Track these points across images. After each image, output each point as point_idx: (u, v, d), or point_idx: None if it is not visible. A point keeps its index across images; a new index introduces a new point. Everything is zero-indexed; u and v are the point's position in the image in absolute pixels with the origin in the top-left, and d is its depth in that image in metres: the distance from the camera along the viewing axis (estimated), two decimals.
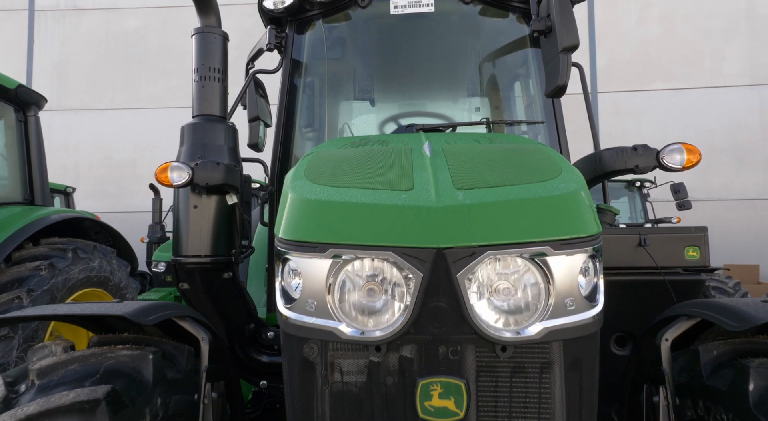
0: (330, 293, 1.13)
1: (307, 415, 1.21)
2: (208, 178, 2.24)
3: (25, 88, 4.25)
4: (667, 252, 2.20)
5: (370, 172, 1.26)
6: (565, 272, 1.11)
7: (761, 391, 1.29)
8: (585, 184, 1.19)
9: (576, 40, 2.18)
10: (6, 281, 3.63)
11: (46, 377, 1.36)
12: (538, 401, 1.15)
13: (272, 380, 2.55)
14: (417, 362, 1.14)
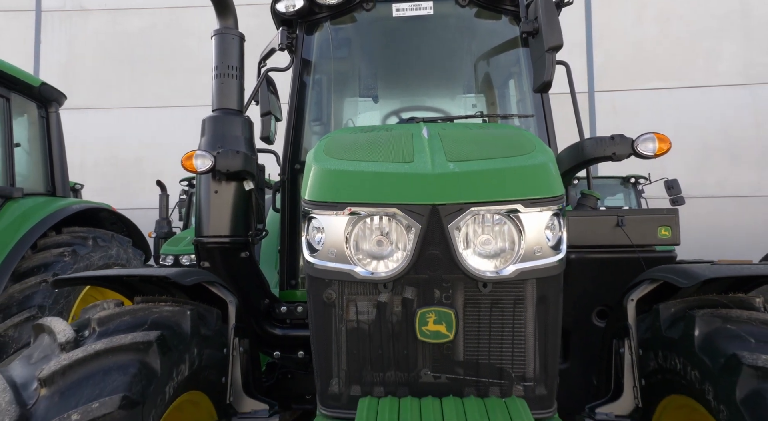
0: (347, 243, 1.40)
1: (328, 346, 1.49)
2: (229, 165, 2.48)
3: (47, 86, 4.50)
4: (641, 231, 2.44)
5: (377, 150, 1.52)
6: (534, 226, 1.38)
7: (704, 335, 1.54)
8: (553, 159, 1.46)
9: (560, 41, 2.42)
10: (33, 265, 3.88)
11: (105, 325, 1.62)
12: (512, 326, 1.42)
13: (285, 351, 2.78)
14: (416, 296, 1.41)
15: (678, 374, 1.65)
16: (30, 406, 1.34)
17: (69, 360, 1.42)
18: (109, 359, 1.47)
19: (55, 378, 1.40)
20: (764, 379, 1.34)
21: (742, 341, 1.45)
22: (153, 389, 1.49)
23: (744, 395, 1.35)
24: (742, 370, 1.37)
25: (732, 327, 1.52)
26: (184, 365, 1.69)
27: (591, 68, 13.51)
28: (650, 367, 1.82)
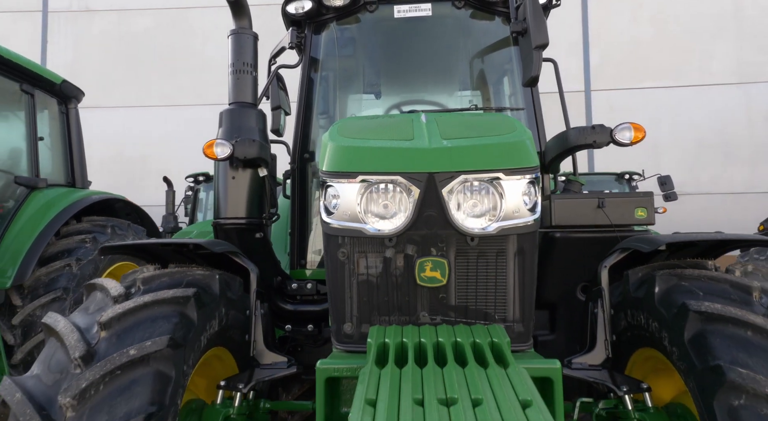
0: (359, 205, 1.66)
1: (342, 296, 1.76)
2: (246, 152, 2.74)
3: (68, 83, 4.76)
4: (620, 212, 2.68)
5: (383, 131, 1.79)
6: (513, 191, 1.64)
7: (662, 291, 1.80)
8: (531, 137, 1.72)
9: (546, 40, 2.67)
10: (57, 251, 4.15)
11: (148, 284, 1.88)
12: (495, 274, 1.69)
13: (295, 324, 3.04)
14: (416, 248, 1.68)
15: (643, 328, 1.91)
16: (94, 344, 1.60)
17: (123, 309, 1.68)
18: (155, 309, 1.73)
19: (113, 323, 1.66)
20: (706, 321, 1.60)
21: (692, 294, 1.71)
22: (192, 336, 1.76)
23: (690, 335, 1.61)
24: (689, 315, 1.63)
25: (685, 283, 1.78)
26: (215, 320, 1.95)
27: (587, 67, 13.74)
28: (621, 326, 2.09)
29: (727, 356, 1.50)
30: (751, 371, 1.44)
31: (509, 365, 1.38)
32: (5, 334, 3.78)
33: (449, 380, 1.28)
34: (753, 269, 1.92)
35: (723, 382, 1.46)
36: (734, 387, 1.44)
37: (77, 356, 1.55)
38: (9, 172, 4.21)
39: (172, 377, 1.61)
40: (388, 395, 1.25)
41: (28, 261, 3.92)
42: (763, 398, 1.40)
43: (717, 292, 1.70)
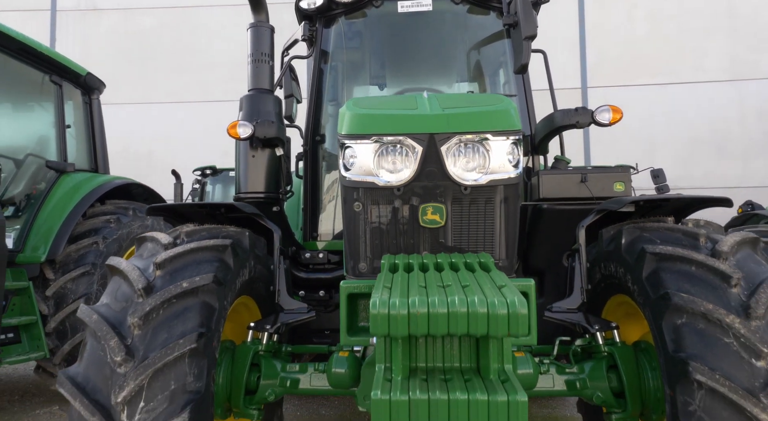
0: (372, 161, 2.00)
1: (357, 240, 2.10)
2: (265, 132, 3.07)
3: (92, 76, 5.09)
4: (601, 186, 3.00)
5: (391, 103, 2.13)
6: (500, 150, 1.98)
7: (628, 241, 2.12)
8: (514, 107, 2.06)
9: (534, 31, 3.00)
10: (85, 230, 4.47)
11: (191, 236, 2.20)
12: (484, 217, 2.02)
13: (308, 291, 3.36)
14: (419, 196, 2.01)
15: (613, 276, 2.24)
16: (152, 280, 1.93)
17: (174, 253, 2.01)
18: (199, 254, 2.06)
19: (166, 264, 1.98)
20: (660, 260, 1.92)
21: (651, 241, 2.03)
22: (229, 278, 2.08)
23: (647, 273, 1.94)
24: (647, 257, 1.95)
25: (646, 234, 2.10)
26: (246, 269, 2.28)
27: (584, 65, 14.04)
28: (596, 278, 2.41)
29: (674, 286, 1.82)
30: (691, 295, 1.76)
31: (491, 270, 1.73)
32: (40, 304, 4.10)
33: (445, 276, 1.62)
34: (705, 223, 2.24)
35: (669, 305, 1.78)
36: (677, 309, 1.77)
37: (140, 288, 1.88)
38: (41, 157, 4.53)
39: (215, 307, 1.94)
40: (400, 283, 1.60)
41: (60, 239, 4.24)
42: (699, 316, 1.72)
43: (671, 239, 2.02)
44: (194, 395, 1.77)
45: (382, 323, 1.42)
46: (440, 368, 1.61)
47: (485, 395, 1.38)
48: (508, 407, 1.36)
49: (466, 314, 1.40)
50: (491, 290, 1.50)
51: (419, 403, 1.38)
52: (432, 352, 1.62)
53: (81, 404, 1.72)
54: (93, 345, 1.82)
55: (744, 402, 1.57)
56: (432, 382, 1.48)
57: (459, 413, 1.36)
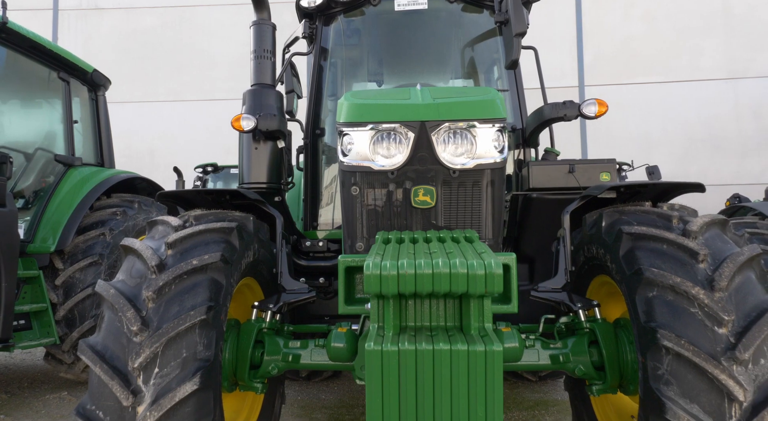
0: (368, 147, 2.15)
1: (354, 222, 2.25)
2: (268, 125, 3.21)
3: (98, 73, 5.24)
4: (587, 176, 3.15)
5: (386, 94, 2.28)
6: (486, 137, 2.13)
7: (607, 224, 2.27)
8: (501, 97, 2.21)
9: (524, 28, 3.14)
10: (92, 222, 4.63)
11: (199, 219, 2.35)
12: (471, 199, 2.18)
13: (309, 277, 3.50)
14: (411, 179, 2.17)
15: (595, 257, 2.39)
16: (164, 259, 2.08)
17: (184, 233, 2.16)
18: (207, 235, 2.20)
19: (177, 244, 2.13)
20: (635, 240, 2.07)
21: (628, 222, 2.18)
22: (236, 258, 2.23)
23: (624, 252, 2.09)
24: (623, 237, 2.10)
25: (624, 217, 2.25)
26: (250, 251, 2.43)
27: (581, 64, 14.18)
28: (580, 261, 2.56)
29: (647, 262, 1.97)
30: (661, 270, 1.91)
31: (474, 241, 1.89)
32: (50, 293, 4.25)
33: (432, 246, 1.78)
34: (679, 207, 2.38)
35: (641, 280, 1.94)
36: (649, 282, 1.92)
37: (153, 265, 2.03)
38: (50, 151, 4.68)
39: (223, 284, 2.09)
40: (392, 250, 1.77)
41: (68, 230, 4.39)
42: (668, 288, 1.87)
43: (646, 220, 2.17)
44: (204, 362, 1.92)
45: (375, 283, 1.57)
46: (427, 327, 1.76)
47: (465, 346, 1.54)
48: (486, 356, 1.51)
49: (449, 275, 1.56)
50: (472, 255, 1.66)
51: (407, 353, 1.54)
52: (420, 313, 1.78)
53: (101, 370, 1.86)
54: (110, 317, 1.97)
55: (707, 365, 1.72)
56: (419, 337, 1.63)
57: (442, 361, 1.52)
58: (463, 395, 1.51)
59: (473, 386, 1.51)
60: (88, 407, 1.90)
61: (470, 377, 1.51)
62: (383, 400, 1.52)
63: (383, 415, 1.52)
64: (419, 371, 1.52)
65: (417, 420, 1.53)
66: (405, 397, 1.52)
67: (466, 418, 1.51)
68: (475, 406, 1.51)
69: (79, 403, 1.94)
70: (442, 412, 1.52)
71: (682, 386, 1.75)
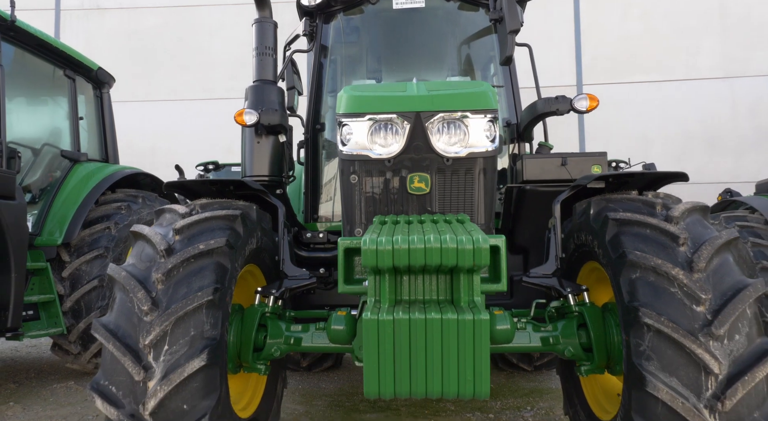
0: (366, 137, 2.26)
1: (353, 208, 2.36)
2: (270, 120, 3.32)
3: (102, 70, 5.34)
4: (579, 168, 3.25)
5: (384, 87, 2.39)
6: (477, 127, 2.24)
7: (595, 211, 2.37)
8: (494, 91, 2.32)
9: (517, 25, 3.24)
10: (97, 216, 4.73)
11: (205, 207, 2.46)
12: (464, 186, 2.29)
13: (309, 268, 3.60)
14: (407, 167, 2.28)
15: (584, 244, 2.49)
16: (172, 243, 2.19)
17: (191, 220, 2.27)
18: (213, 222, 2.31)
19: (184, 230, 2.24)
20: (620, 225, 2.18)
21: (614, 209, 2.29)
22: (240, 244, 2.34)
23: (610, 237, 2.19)
24: (609, 222, 2.21)
25: (611, 204, 2.36)
26: (254, 239, 2.53)
27: (579, 63, 14.28)
28: (570, 248, 2.67)
29: (631, 246, 2.08)
30: (644, 253, 2.02)
31: (465, 222, 2.00)
32: (57, 285, 4.36)
33: (426, 226, 1.90)
34: (664, 195, 2.49)
35: (625, 262, 2.04)
36: (632, 264, 2.02)
37: (162, 249, 2.13)
38: (56, 147, 4.79)
39: (228, 268, 2.20)
40: (389, 227, 1.90)
41: (75, 224, 4.50)
42: (650, 269, 1.98)
43: (631, 207, 2.28)
44: (211, 341, 2.02)
45: (371, 257, 1.68)
46: (420, 300, 1.87)
47: (455, 315, 1.64)
48: (474, 325, 1.62)
49: (440, 249, 1.67)
50: (462, 232, 1.77)
51: (401, 322, 1.65)
52: (414, 288, 1.89)
53: (114, 346, 1.97)
54: (122, 298, 2.08)
55: (685, 341, 1.83)
56: (413, 308, 1.74)
57: (434, 329, 1.63)
58: (453, 361, 1.62)
59: (462, 352, 1.62)
60: (102, 382, 2.01)
61: (459, 344, 1.61)
62: (379, 366, 1.63)
63: (379, 380, 1.63)
64: (413, 339, 1.63)
65: (410, 384, 1.64)
66: (399, 363, 1.63)
67: (456, 382, 1.62)
68: (464, 370, 1.62)
69: (93, 379, 2.05)
70: (433, 376, 1.63)
71: (662, 361, 1.86)
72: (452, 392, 1.66)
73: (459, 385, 1.64)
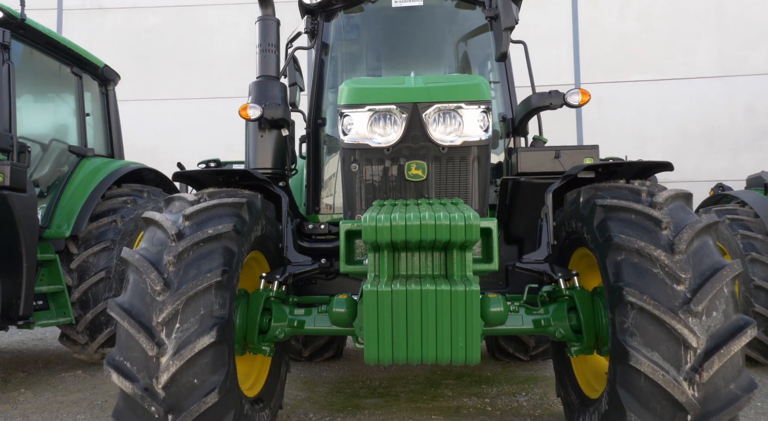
0: (366, 127, 2.38)
1: (353, 195, 2.48)
2: (273, 114, 3.43)
3: (108, 68, 5.46)
4: (572, 161, 3.36)
5: (382, 80, 2.52)
6: (471, 117, 2.37)
7: (584, 199, 2.49)
8: (487, 84, 2.44)
9: (512, 23, 3.36)
10: (104, 210, 4.85)
11: (212, 196, 2.58)
12: (459, 173, 2.42)
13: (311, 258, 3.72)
14: (405, 155, 2.41)
15: (575, 231, 2.61)
16: (182, 228, 2.30)
17: (200, 207, 2.39)
18: (220, 209, 2.43)
19: (193, 216, 2.36)
20: (607, 211, 2.30)
21: (602, 196, 2.41)
22: (246, 230, 2.46)
23: (597, 222, 2.31)
24: (597, 209, 2.33)
25: (599, 192, 2.47)
26: (258, 226, 2.65)
27: (578, 62, 14.40)
28: (562, 236, 2.79)
29: (617, 230, 2.19)
30: (629, 236, 2.14)
31: (458, 204, 2.14)
32: (65, 276, 4.48)
33: (421, 206, 2.03)
34: (650, 184, 2.61)
35: (611, 245, 2.16)
36: (618, 247, 2.14)
37: (173, 234, 2.25)
38: (64, 142, 4.91)
39: (235, 252, 2.32)
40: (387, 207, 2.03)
41: (82, 217, 4.62)
42: (634, 251, 2.10)
43: (618, 194, 2.40)
44: (219, 319, 2.14)
45: (371, 232, 1.81)
46: (416, 275, 2.00)
47: (449, 286, 1.77)
48: (465, 295, 1.74)
49: (434, 225, 1.79)
50: (454, 211, 1.90)
51: (399, 293, 1.77)
52: (410, 264, 2.01)
53: (129, 324, 2.09)
54: (136, 279, 2.20)
55: (666, 317, 1.95)
56: (410, 281, 1.87)
57: (428, 299, 1.75)
58: (446, 329, 1.74)
59: (455, 321, 1.74)
60: (117, 358, 2.13)
61: (452, 313, 1.74)
62: (378, 334, 1.76)
63: (378, 347, 1.76)
64: (409, 309, 1.76)
65: (407, 350, 1.77)
66: (397, 331, 1.76)
67: (449, 348, 1.74)
68: (456, 337, 1.74)
69: (108, 355, 2.16)
70: (428, 343, 1.75)
71: (644, 337, 1.98)
72: (445, 357, 1.79)
73: (452, 351, 1.77)
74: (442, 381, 4.17)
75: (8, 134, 4.06)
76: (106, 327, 4.57)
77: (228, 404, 2.17)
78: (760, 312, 4.19)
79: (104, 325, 4.57)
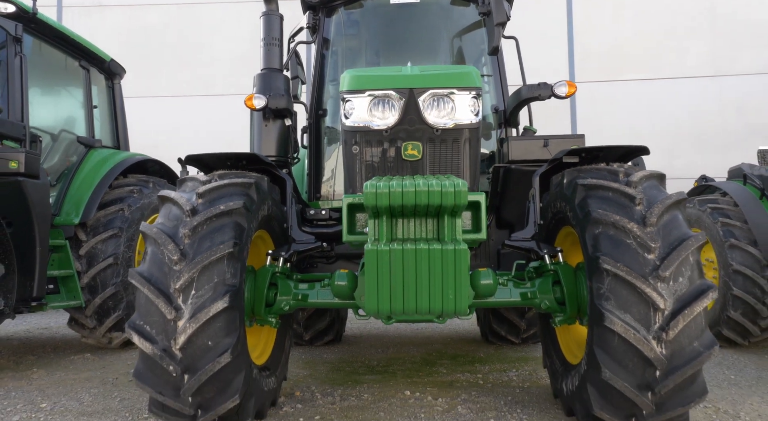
0: (366, 111, 2.58)
1: (354, 175, 2.68)
2: (277, 104, 3.63)
3: (114, 62, 5.64)
4: (559, 149, 3.55)
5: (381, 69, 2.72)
6: (463, 102, 2.57)
7: (568, 181, 2.70)
8: (477, 72, 2.65)
9: (504, 18, 3.56)
10: (112, 199, 5.03)
11: (222, 177, 2.77)
12: (451, 154, 2.62)
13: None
14: (402, 137, 2.61)
15: (560, 210, 2.81)
16: (195, 205, 2.50)
17: (211, 186, 2.58)
18: (230, 188, 2.62)
19: (206, 194, 2.55)
20: (587, 190, 2.50)
21: (583, 177, 2.61)
22: (254, 208, 2.65)
23: (578, 200, 2.52)
24: (578, 188, 2.53)
25: (581, 174, 2.68)
26: (265, 206, 2.85)
27: (572, 61, 14.62)
28: (548, 217, 2.99)
29: (595, 206, 2.40)
30: (605, 211, 2.34)
31: (450, 177, 2.34)
32: (75, 262, 4.65)
33: (417, 178, 2.24)
34: (628, 166, 2.82)
35: (590, 219, 2.36)
36: (596, 221, 2.34)
37: (188, 210, 2.44)
38: (72, 133, 5.08)
39: (245, 227, 2.51)
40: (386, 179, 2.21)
41: (91, 205, 4.80)
42: (610, 225, 2.30)
43: (597, 175, 2.60)
44: (231, 287, 2.34)
45: (372, 197, 2.01)
46: (412, 238, 2.20)
47: (440, 246, 1.97)
48: (454, 253, 1.94)
49: (427, 191, 2.00)
50: (446, 180, 2.12)
51: (396, 251, 1.98)
52: (407, 229, 2.22)
53: (148, 290, 2.28)
54: (154, 251, 2.39)
55: (637, 282, 2.15)
56: (406, 242, 2.07)
57: (422, 257, 1.96)
58: (438, 283, 1.95)
59: (445, 276, 1.94)
60: (137, 322, 2.32)
61: (443, 269, 1.94)
62: (378, 289, 1.96)
63: (378, 300, 1.95)
64: (405, 265, 1.97)
65: (403, 302, 1.97)
66: (394, 285, 1.96)
67: (440, 300, 1.95)
68: (447, 291, 1.95)
69: (129, 319, 2.35)
70: (422, 296, 1.96)
71: (618, 300, 2.19)
72: (437, 308, 1.99)
73: (443, 303, 1.98)
74: (437, 361, 4.37)
75: (21, 124, 4.24)
76: (114, 312, 4.76)
77: (239, 366, 2.36)
78: (738, 295, 4.40)
79: (112, 310, 4.75)
